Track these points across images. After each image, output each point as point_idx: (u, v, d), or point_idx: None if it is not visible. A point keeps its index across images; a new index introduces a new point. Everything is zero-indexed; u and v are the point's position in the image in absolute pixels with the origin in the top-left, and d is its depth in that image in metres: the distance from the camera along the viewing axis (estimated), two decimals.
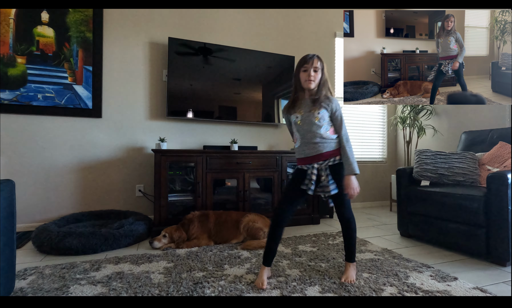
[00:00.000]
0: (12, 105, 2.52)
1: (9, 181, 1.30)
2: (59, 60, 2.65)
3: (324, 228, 2.79)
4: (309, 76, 1.50)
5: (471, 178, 2.30)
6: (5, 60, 2.50)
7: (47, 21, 2.62)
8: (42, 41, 2.60)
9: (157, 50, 2.97)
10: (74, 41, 2.70)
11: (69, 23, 2.69)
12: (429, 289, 1.48)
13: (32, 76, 2.57)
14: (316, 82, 1.53)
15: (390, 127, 4.07)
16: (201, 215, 2.30)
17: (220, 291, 1.43)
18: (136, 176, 2.89)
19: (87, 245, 1.98)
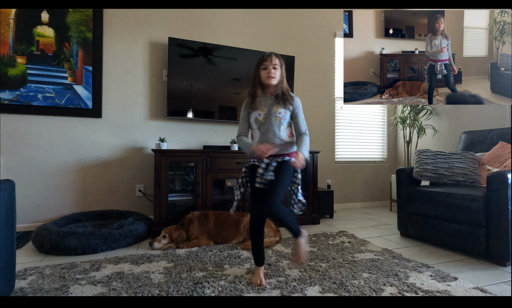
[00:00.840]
0: (12, 105, 2.52)
1: (9, 181, 1.30)
2: (59, 60, 2.65)
3: (324, 228, 2.79)
4: (269, 73, 1.54)
5: (471, 178, 2.30)
6: (5, 60, 2.50)
7: (47, 21, 2.62)
8: (42, 41, 2.60)
9: (157, 50, 2.97)
10: (74, 41, 2.70)
11: (69, 23, 2.69)
12: (429, 289, 1.48)
13: (32, 76, 2.57)
14: (277, 79, 1.57)
15: (390, 127, 4.07)
16: (201, 215, 2.29)
17: (220, 291, 1.43)
18: (136, 176, 2.89)
19: (87, 245, 1.98)
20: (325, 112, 3.71)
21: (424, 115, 3.66)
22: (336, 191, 3.72)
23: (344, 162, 3.85)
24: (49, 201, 2.63)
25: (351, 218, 3.24)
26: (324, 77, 3.70)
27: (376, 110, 4.07)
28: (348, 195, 3.84)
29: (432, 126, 3.62)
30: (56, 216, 2.62)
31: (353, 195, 3.88)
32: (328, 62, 3.72)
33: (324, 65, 3.70)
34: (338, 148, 3.83)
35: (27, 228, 2.54)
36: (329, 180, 3.70)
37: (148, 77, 2.95)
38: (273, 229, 2.28)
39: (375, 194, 4.01)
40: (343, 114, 3.86)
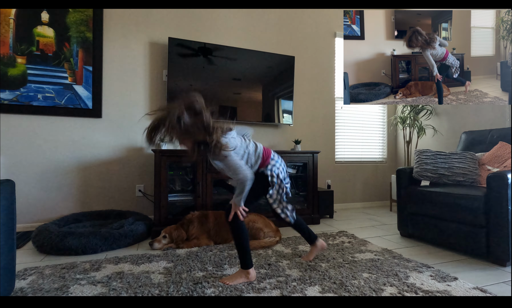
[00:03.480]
0: (12, 105, 2.52)
1: (9, 181, 1.30)
2: (59, 60, 2.65)
3: (324, 228, 2.79)
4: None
5: (471, 178, 2.30)
6: (5, 60, 2.50)
7: (47, 21, 2.62)
8: (42, 41, 2.60)
9: (157, 50, 2.97)
10: (74, 41, 2.70)
11: (69, 23, 2.69)
12: (429, 289, 1.48)
13: (32, 76, 2.57)
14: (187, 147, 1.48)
15: (390, 127, 4.07)
16: (201, 215, 2.29)
17: (220, 291, 1.43)
18: (136, 176, 2.89)
19: (87, 245, 1.98)
20: (325, 112, 3.71)
21: (424, 115, 3.66)
22: (336, 191, 3.72)
23: (344, 162, 3.85)
24: (49, 201, 2.63)
25: (351, 218, 3.24)
26: (324, 77, 3.70)
27: (376, 110, 4.07)
28: (348, 195, 3.84)
29: (432, 126, 3.62)
30: (56, 216, 2.62)
31: (353, 195, 3.88)
32: (328, 62, 3.72)
33: (324, 65, 3.70)
34: (338, 148, 3.83)
35: (27, 228, 2.54)
36: (329, 180, 3.70)
37: (148, 77, 2.95)
38: (273, 229, 2.28)
39: (375, 194, 4.01)
40: (343, 114, 3.86)
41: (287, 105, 3.34)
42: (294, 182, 3.12)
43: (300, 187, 3.11)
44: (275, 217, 1.70)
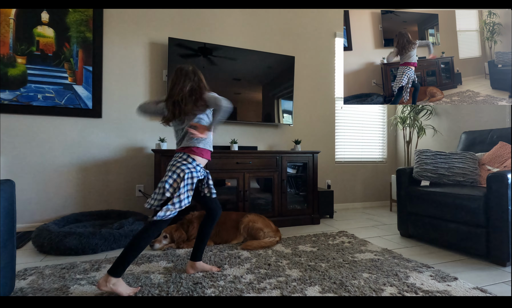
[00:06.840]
0: (12, 105, 2.52)
1: (9, 181, 1.30)
2: (59, 60, 2.65)
3: (324, 228, 2.79)
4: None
5: (471, 178, 2.30)
6: (5, 60, 2.50)
7: (47, 21, 2.62)
8: (42, 41, 2.60)
9: (157, 50, 2.97)
10: (74, 41, 2.70)
11: (69, 23, 2.69)
12: (429, 289, 1.48)
13: (32, 76, 2.57)
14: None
15: (390, 127, 4.07)
16: (200, 215, 2.29)
17: (220, 291, 1.43)
18: (136, 176, 2.89)
19: (87, 245, 1.98)
20: (325, 112, 3.71)
21: (424, 115, 3.66)
22: (336, 191, 3.72)
23: (344, 162, 3.85)
24: (49, 201, 2.63)
25: (351, 218, 3.24)
26: (324, 77, 3.70)
27: (376, 110, 4.07)
28: (348, 195, 3.84)
29: (432, 126, 3.62)
30: (56, 216, 2.62)
31: (353, 195, 3.88)
32: (328, 62, 3.72)
33: (324, 65, 3.70)
34: (338, 148, 3.83)
35: (27, 228, 2.54)
36: (329, 180, 3.70)
37: (148, 77, 2.95)
38: (273, 229, 2.28)
39: (375, 194, 4.01)
40: (343, 114, 3.86)
41: (287, 105, 3.34)
42: (294, 182, 3.12)
43: (300, 187, 3.11)
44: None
